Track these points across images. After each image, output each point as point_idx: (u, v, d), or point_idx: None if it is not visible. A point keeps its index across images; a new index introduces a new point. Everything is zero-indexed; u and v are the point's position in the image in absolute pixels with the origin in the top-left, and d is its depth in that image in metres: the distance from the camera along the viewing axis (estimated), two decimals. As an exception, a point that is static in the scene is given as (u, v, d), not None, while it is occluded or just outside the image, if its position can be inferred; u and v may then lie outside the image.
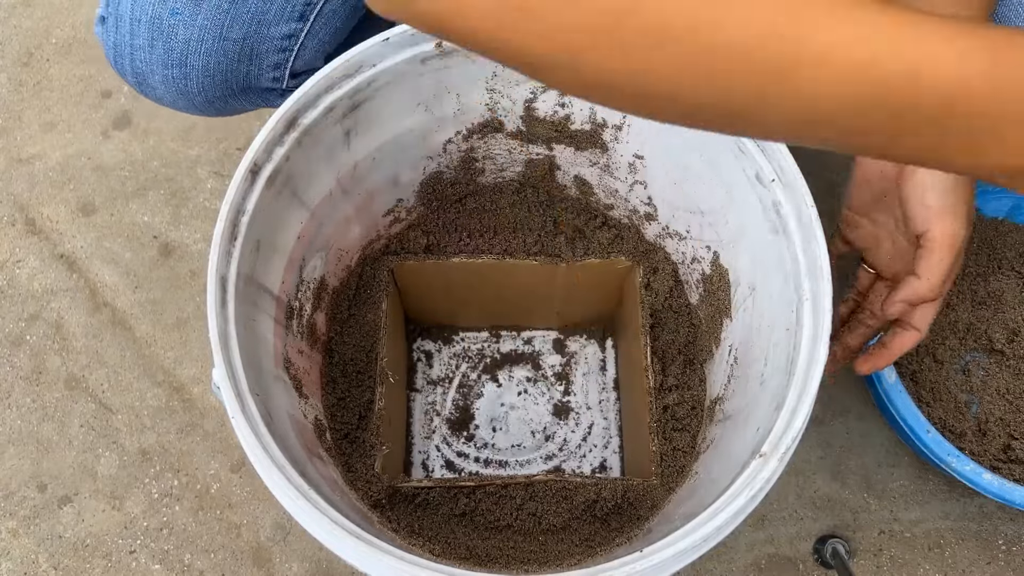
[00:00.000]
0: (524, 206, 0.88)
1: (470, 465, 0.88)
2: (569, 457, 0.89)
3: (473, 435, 0.90)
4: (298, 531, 0.87)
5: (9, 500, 0.89)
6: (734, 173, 0.68)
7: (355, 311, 0.82)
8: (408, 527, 0.70)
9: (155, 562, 0.86)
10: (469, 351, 0.93)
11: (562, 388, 0.92)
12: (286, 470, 0.53)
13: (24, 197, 1.04)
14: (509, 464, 0.88)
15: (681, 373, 0.80)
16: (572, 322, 0.94)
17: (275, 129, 0.63)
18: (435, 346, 0.94)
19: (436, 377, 0.92)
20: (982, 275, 0.89)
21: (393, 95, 0.71)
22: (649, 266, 0.84)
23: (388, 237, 0.86)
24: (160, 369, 0.95)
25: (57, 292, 0.99)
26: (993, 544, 0.87)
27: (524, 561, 0.67)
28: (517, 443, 0.89)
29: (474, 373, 0.92)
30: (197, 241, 1.01)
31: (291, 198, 0.68)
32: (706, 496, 0.58)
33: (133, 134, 1.07)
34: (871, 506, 0.88)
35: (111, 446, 0.91)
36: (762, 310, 0.68)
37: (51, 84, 1.11)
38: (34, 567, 0.86)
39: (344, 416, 0.76)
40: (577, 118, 0.77)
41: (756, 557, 0.86)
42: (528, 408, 0.91)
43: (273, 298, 0.67)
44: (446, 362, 0.93)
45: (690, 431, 0.76)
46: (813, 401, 0.55)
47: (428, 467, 0.88)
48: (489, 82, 0.74)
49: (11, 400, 0.93)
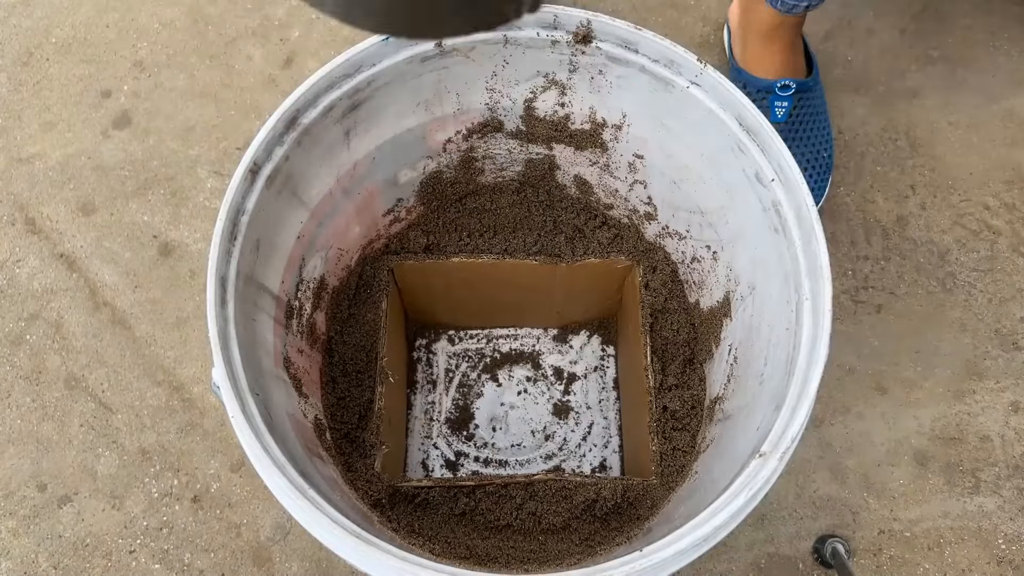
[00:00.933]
0: (524, 206, 0.88)
1: (470, 464, 0.88)
2: (569, 457, 0.89)
3: (473, 434, 0.90)
4: (298, 531, 0.87)
5: (9, 499, 0.89)
6: (734, 173, 0.68)
7: (355, 311, 0.82)
8: (408, 527, 0.70)
9: (155, 561, 0.86)
10: (469, 350, 0.93)
11: (562, 388, 0.92)
12: (286, 470, 0.53)
13: (24, 196, 1.04)
14: (509, 464, 0.88)
15: (681, 373, 0.80)
16: (572, 321, 0.94)
17: (275, 129, 0.63)
18: (435, 346, 0.94)
19: (436, 376, 0.92)
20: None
21: (393, 94, 0.71)
22: (649, 266, 0.84)
23: (388, 237, 0.86)
24: (160, 368, 0.95)
25: (57, 292, 0.99)
26: (993, 543, 0.87)
27: (524, 561, 0.67)
28: (517, 443, 0.89)
29: (474, 372, 0.92)
30: (197, 241, 1.01)
31: (291, 197, 0.68)
32: (706, 495, 0.58)
33: (133, 133, 1.07)
34: (871, 505, 0.88)
35: (111, 445, 0.91)
36: (762, 309, 0.68)
37: (51, 83, 1.11)
38: (34, 567, 0.86)
39: (344, 416, 0.76)
40: (577, 118, 0.77)
41: (756, 556, 0.86)
42: (528, 408, 0.91)
43: (273, 297, 0.67)
44: (446, 361, 0.93)
45: (690, 431, 0.76)
46: (813, 401, 0.55)
47: (428, 466, 0.88)
48: (489, 82, 0.74)
49: (11, 400, 0.93)
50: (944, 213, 1.02)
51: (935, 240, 1.00)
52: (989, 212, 1.02)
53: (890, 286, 0.97)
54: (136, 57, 1.12)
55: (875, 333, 0.95)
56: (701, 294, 0.80)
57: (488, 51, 0.70)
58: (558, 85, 0.73)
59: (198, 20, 1.15)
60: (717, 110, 0.65)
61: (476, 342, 0.94)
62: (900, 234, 1.00)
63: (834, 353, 0.92)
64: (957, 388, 0.93)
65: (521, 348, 0.94)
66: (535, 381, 0.92)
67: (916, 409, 0.92)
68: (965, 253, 0.99)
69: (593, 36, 0.67)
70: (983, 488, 0.89)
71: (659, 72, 0.67)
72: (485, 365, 0.93)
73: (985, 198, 1.02)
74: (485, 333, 0.94)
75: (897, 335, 0.95)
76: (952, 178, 1.04)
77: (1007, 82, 1.10)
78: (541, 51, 0.70)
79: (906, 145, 1.06)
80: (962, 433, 0.91)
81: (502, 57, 0.71)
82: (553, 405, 0.91)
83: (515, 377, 0.92)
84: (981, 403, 0.92)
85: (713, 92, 0.65)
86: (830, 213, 1.01)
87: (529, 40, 0.69)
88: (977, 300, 0.97)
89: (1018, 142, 1.06)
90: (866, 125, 1.07)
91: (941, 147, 1.06)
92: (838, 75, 1.10)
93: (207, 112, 1.08)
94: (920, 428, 0.91)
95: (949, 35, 1.13)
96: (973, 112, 1.08)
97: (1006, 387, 0.93)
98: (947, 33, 1.13)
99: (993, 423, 0.91)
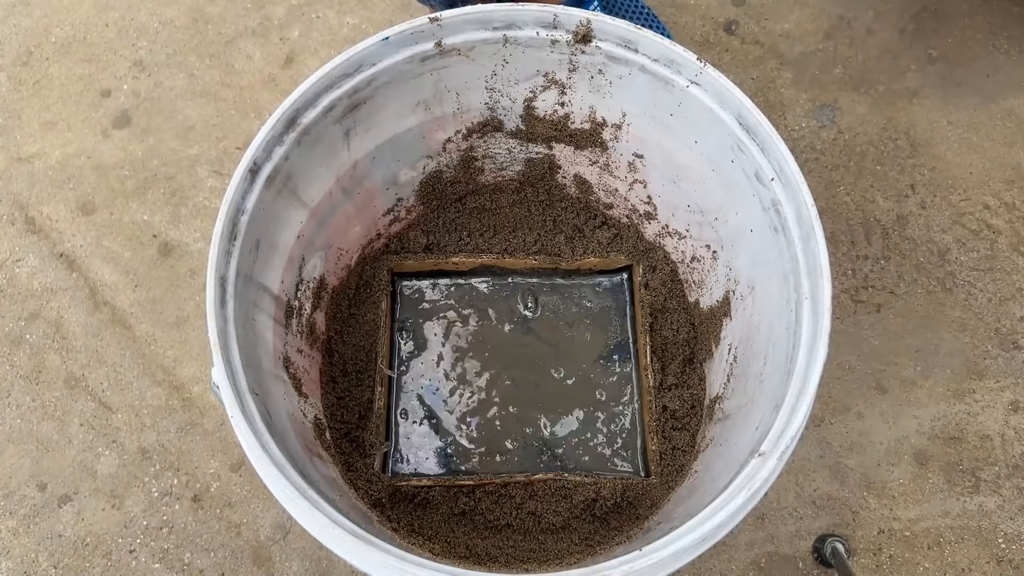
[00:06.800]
0: (524, 205, 0.88)
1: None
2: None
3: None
4: (298, 530, 0.87)
5: (9, 499, 0.89)
6: (733, 172, 0.68)
7: (355, 310, 0.82)
8: (408, 526, 0.70)
9: (155, 561, 0.86)
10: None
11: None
12: (285, 469, 0.53)
13: (24, 196, 1.04)
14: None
15: (681, 372, 0.80)
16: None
17: (274, 128, 0.63)
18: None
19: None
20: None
21: (392, 94, 0.71)
22: (648, 265, 0.84)
23: (388, 236, 0.86)
24: (160, 368, 0.95)
25: (57, 291, 0.99)
26: (993, 542, 0.87)
27: (524, 560, 0.67)
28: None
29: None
30: (197, 240, 1.01)
31: (291, 197, 0.68)
32: (705, 495, 0.58)
33: (132, 133, 1.07)
34: (871, 504, 0.88)
35: (111, 445, 0.91)
36: (761, 309, 0.68)
37: (51, 83, 1.11)
38: (34, 566, 0.86)
39: (344, 415, 0.76)
40: (576, 117, 0.77)
41: (756, 556, 0.86)
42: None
43: (272, 297, 0.67)
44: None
45: (689, 430, 0.76)
46: (812, 400, 0.55)
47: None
48: (488, 81, 0.74)
49: (11, 399, 0.93)
50: (944, 212, 1.02)
51: (935, 239, 1.00)
52: (989, 211, 1.02)
53: (890, 285, 0.97)
54: (136, 56, 1.12)
55: (875, 332, 0.95)
56: (701, 293, 0.80)
57: (488, 51, 0.70)
58: (558, 84, 0.73)
59: (198, 19, 1.15)
60: (717, 109, 0.65)
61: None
62: (900, 233, 1.00)
63: (834, 352, 0.92)
64: (957, 387, 0.93)
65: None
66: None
67: (916, 408, 0.92)
68: (965, 252, 0.99)
69: (593, 35, 0.67)
70: (983, 487, 0.89)
71: (659, 71, 0.67)
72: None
73: (985, 197, 1.02)
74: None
75: (897, 334, 0.95)
76: (952, 177, 1.04)
77: (1006, 82, 1.09)
78: (541, 50, 0.70)
79: (906, 144, 1.06)
80: (962, 432, 0.91)
81: (502, 57, 0.71)
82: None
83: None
84: (981, 402, 0.92)
85: (713, 91, 0.65)
86: (830, 212, 1.01)
87: (529, 40, 0.69)
88: (977, 299, 0.97)
89: (1018, 141, 1.06)
90: (866, 125, 1.07)
91: (941, 146, 1.06)
92: (838, 75, 1.10)
93: (207, 111, 1.08)
94: (920, 427, 0.91)
95: (949, 35, 1.13)
96: (973, 112, 1.08)
97: (1006, 386, 0.93)
98: (947, 33, 1.13)
99: (993, 422, 0.91)
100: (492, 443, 0.80)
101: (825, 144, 1.05)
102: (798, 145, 1.05)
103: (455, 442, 0.80)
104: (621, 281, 0.87)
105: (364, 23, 1.14)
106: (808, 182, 0.61)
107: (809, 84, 1.09)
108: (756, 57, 1.11)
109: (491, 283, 0.87)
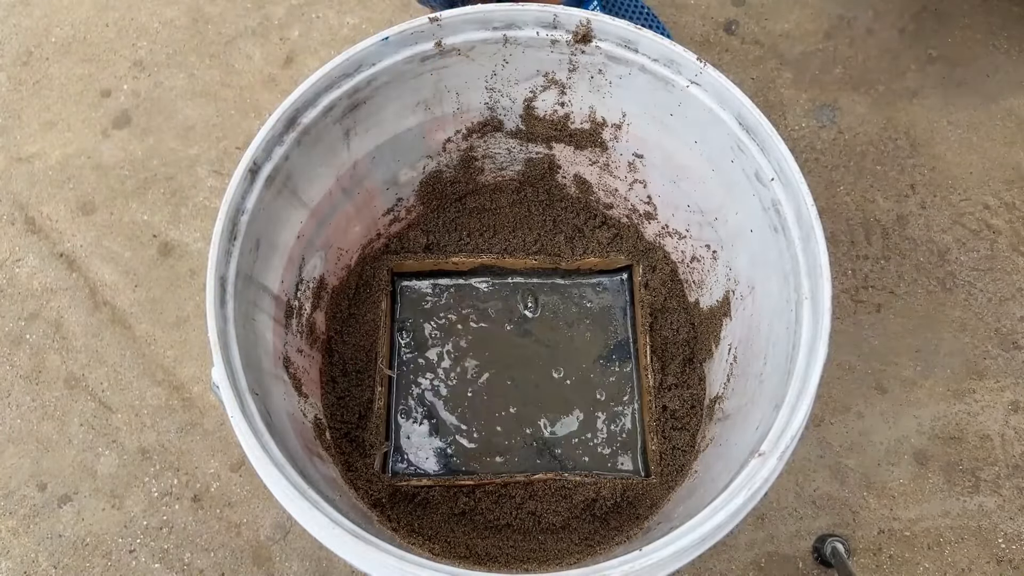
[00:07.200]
0: (524, 205, 0.88)
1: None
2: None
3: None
4: (298, 530, 0.87)
5: (9, 499, 0.89)
6: (733, 172, 0.68)
7: (355, 310, 0.82)
8: (408, 526, 0.70)
9: (155, 561, 0.86)
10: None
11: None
12: (285, 469, 0.53)
13: (24, 196, 1.04)
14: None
15: (681, 372, 0.80)
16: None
17: (274, 128, 0.63)
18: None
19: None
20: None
21: (392, 94, 0.71)
22: (648, 265, 0.84)
23: (388, 236, 0.86)
24: (160, 368, 0.95)
25: (57, 291, 0.99)
26: (993, 542, 0.87)
27: (524, 560, 0.67)
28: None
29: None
30: (197, 240, 1.01)
31: (291, 197, 0.68)
32: (705, 495, 0.58)
33: (132, 133, 1.07)
34: (871, 504, 0.88)
35: (111, 445, 0.91)
36: (761, 309, 0.68)
37: (51, 83, 1.11)
38: (34, 566, 0.86)
39: (344, 415, 0.76)
40: (576, 117, 0.77)
41: (756, 555, 0.86)
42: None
43: (272, 297, 0.67)
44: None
45: (689, 430, 0.76)
46: (812, 400, 0.55)
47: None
48: (488, 81, 0.74)
49: (11, 399, 0.93)
50: (944, 212, 1.02)
51: (935, 239, 1.00)
52: (989, 211, 1.02)
53: (890, 285, 0.97)
54: (136, 56, 1.12)
55: (875, 332, 0.95)
56: (701, 293, 0.80)
57: (488, 51, 0.70)
58: (558, 84, 0.73)
59: (198, 19, 1.15)
60: (717, 109, 0.65)
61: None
62: (900, 233, 1.00)
63: (834, 352, 0.92)
64: (957, 387, 0.93)
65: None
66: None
67: (916, 408, 0.92)
68: (965, 252, 0.99)
69: (593, 35, 0.67)
70: (983, 487, 0.89)
71: (659, 71, 0.67)
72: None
73: (985, 197, 1.02)
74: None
75: (897, 334, 0.95)
76: (952, 177, 1.04)
77: (1006, 82, 1.09)
78: (541, 50, 0.70)
79: (906, 144, 1.06)
80: (962, 432, 0.91)
81: (502, 56, 0.71)
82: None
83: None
84: (981, 402, 0.92)
85: (713, 91, 0.65)
86: (830, 212, 1.01)
87: (529, 39, 0.69)
88: (977, 299, 0.97)
89: (1018, 141, 1.06)
90: (866, 124, 1.07)
91: (941, 146, 1.06)
92: (838, 75, 1.10)
93: (207, 111, 1.08)
94: (920, 427, 0.91)
95: (949, 35, 1.13)
96: (973, 112, 1.08)
97: (1006, 386, 0.93)
98: (947, 33, 1.13)
99: (993, 422, 0.91)
100: (492, 443, 0.80)
101: (825, 144, 1.05)
102: (798, 145, 1.05)
103: (455, 442, 0.80)
104: (621, 281, 0.87)
105: (364, 23, 1.14)
106: (808, 182, 0.61)
107: (809, 84, 1.09)
108: (756, 57, 1.11)
109: (491, 283, 0.87)
